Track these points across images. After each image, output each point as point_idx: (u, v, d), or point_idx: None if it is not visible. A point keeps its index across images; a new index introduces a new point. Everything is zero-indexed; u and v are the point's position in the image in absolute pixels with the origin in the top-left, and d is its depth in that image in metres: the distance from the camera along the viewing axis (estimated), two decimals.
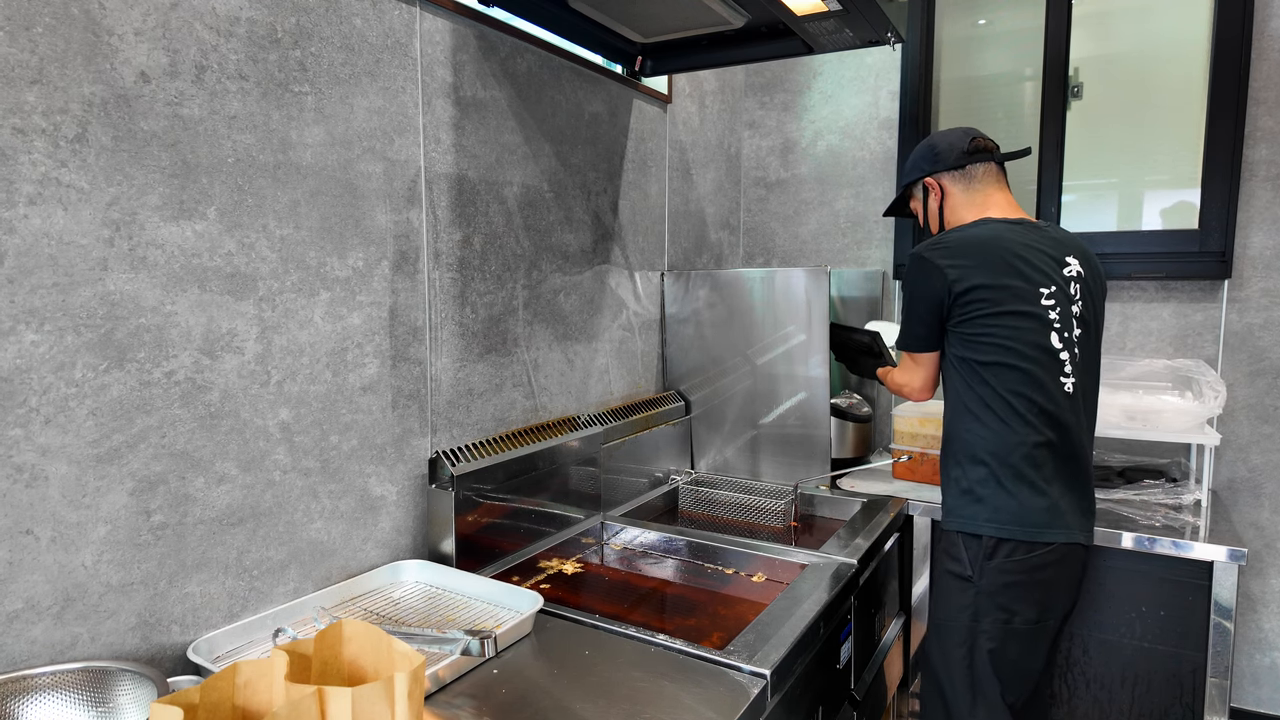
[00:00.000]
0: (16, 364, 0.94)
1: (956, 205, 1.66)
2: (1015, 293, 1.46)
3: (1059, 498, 1.47)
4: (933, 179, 1.67)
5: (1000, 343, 1.46)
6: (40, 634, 0.98)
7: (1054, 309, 1.48)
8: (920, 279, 1.53)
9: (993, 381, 1.47)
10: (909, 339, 1.60)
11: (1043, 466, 1.47)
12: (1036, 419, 1.46)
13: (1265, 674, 2.26)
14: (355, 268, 1.35)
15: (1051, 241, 1.54)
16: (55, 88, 0.96)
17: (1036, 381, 1.46)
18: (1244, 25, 2.16)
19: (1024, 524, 1.45)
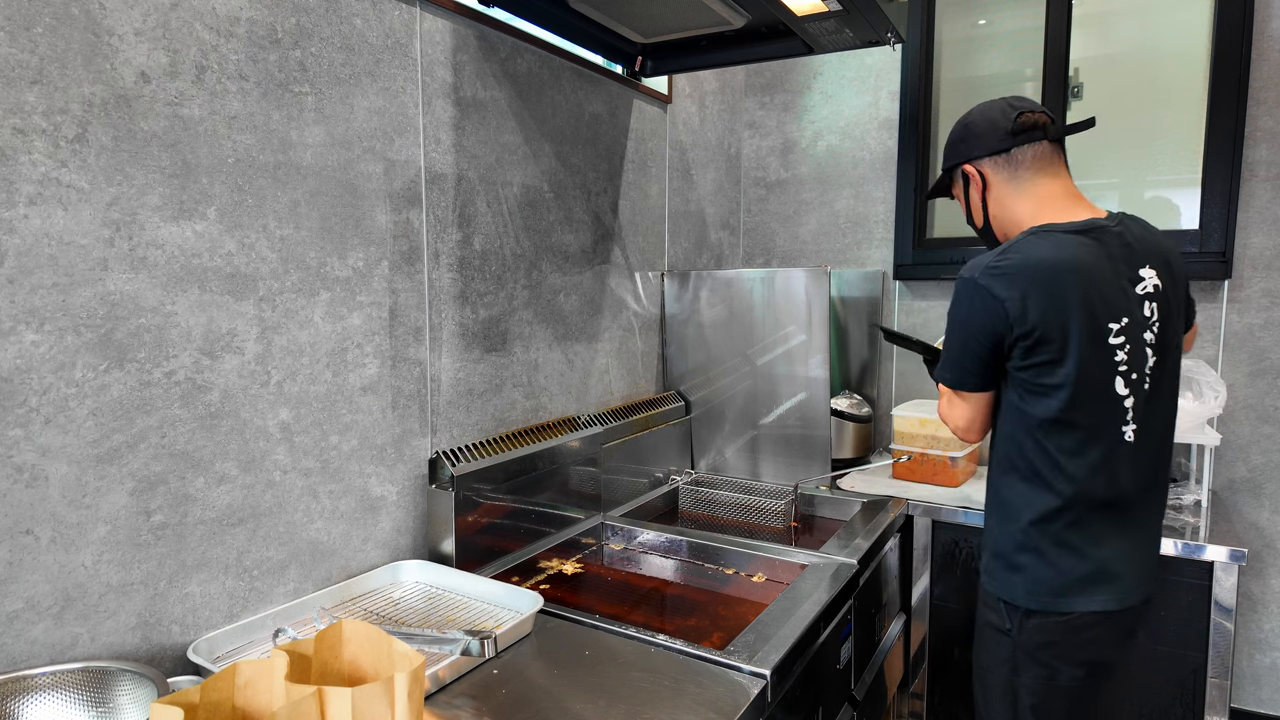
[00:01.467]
0: (16, 364, 0.94)
1: (1002, 198, 1.39)
2: (1084, 334, 1.24)
3: (1110, 559, 1.30)
4: (971, 166, 1.41)
5: (1061, 398, 1.26)
6: (40, 634, 0.98)
7: (1123, 348, 1.27)
8: (975, 309, 1.29)
9: (1047, 444, 1.29)
10: (957, 374, 1.35)
11: (1092, 528, 1.30)
12: (1091, 480, 1.28)
13: (1266, 674, 2.26)
14: (355, 268, 1.35)
15: (1125, 253, 1.30)
16: (55, 88, 0.96)
17: (1095, 438, 1.28)
18: (1244, 26, 2.16)
19: (1064, 594, 1.30)
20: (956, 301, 1.33)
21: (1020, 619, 1.34)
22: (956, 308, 1.33)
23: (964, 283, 1.31)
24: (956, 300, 1.33)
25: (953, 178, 1.49)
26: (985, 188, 1.41)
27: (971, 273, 1.30)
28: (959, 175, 1.45)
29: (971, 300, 1.30)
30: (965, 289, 1.31)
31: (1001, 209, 1.40)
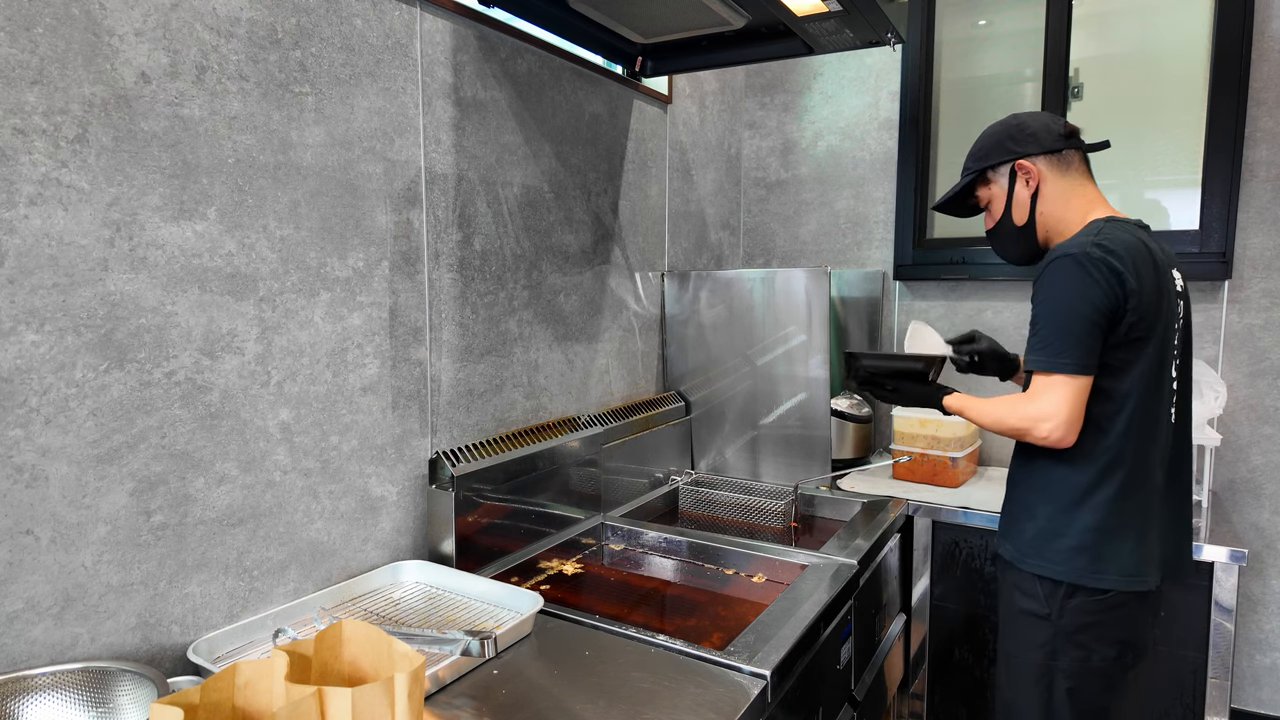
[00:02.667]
0: (17, 364, 0.94)
1: (1054, 195, 1.42)
2: (1161, 314, 1.31)
3: (1155, 541, 1.35)
4: (1029, 162, 1.43)
5: (1135, 375, 1.31)
6: (40, 634, 0.98)
7: (1175, 334, 1.37)
8: (1092, 281, 1.27)
9: (1105, 422, 1.32)
10: (1064, 355, 1.28)
11: (1135, 507, 1.33)
12: (1139, 460, 1.33)
13: (1266, 675, 2.26)
14: (355, 268, 1.35)
15: (1163, 255, 1.39)
16: (56, 88, 0.96)
17: (1154, 419, 1.33)
18: (1244, 26, 2.16)
19: (1116, 573, 1.32)
20: (1059, 280, 1.30)
21: (1061, 600, 1.35)
22: (1061, 286, 1.29)
23: (1071, 260, 1.29)
24: (1059, 279, 1.30)
25: (989, 177, 1.49)
26: (1039, 184, 1.44)
27: (1078, 250, 1.29)
28: (1001, 174, 1.47)
29: (1088, 274, 1.27)
30: (1075, 265, 1.28)
31: (1052, 206, 1.44)
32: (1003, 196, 1.48)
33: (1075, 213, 1.42)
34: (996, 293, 2.50)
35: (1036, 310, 1.33)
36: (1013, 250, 1.52)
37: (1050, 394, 1.30)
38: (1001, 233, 1.51)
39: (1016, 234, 1.48)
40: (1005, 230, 1.49)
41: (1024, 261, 1.52)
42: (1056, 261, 1.31)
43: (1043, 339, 1.31)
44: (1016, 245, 1.50)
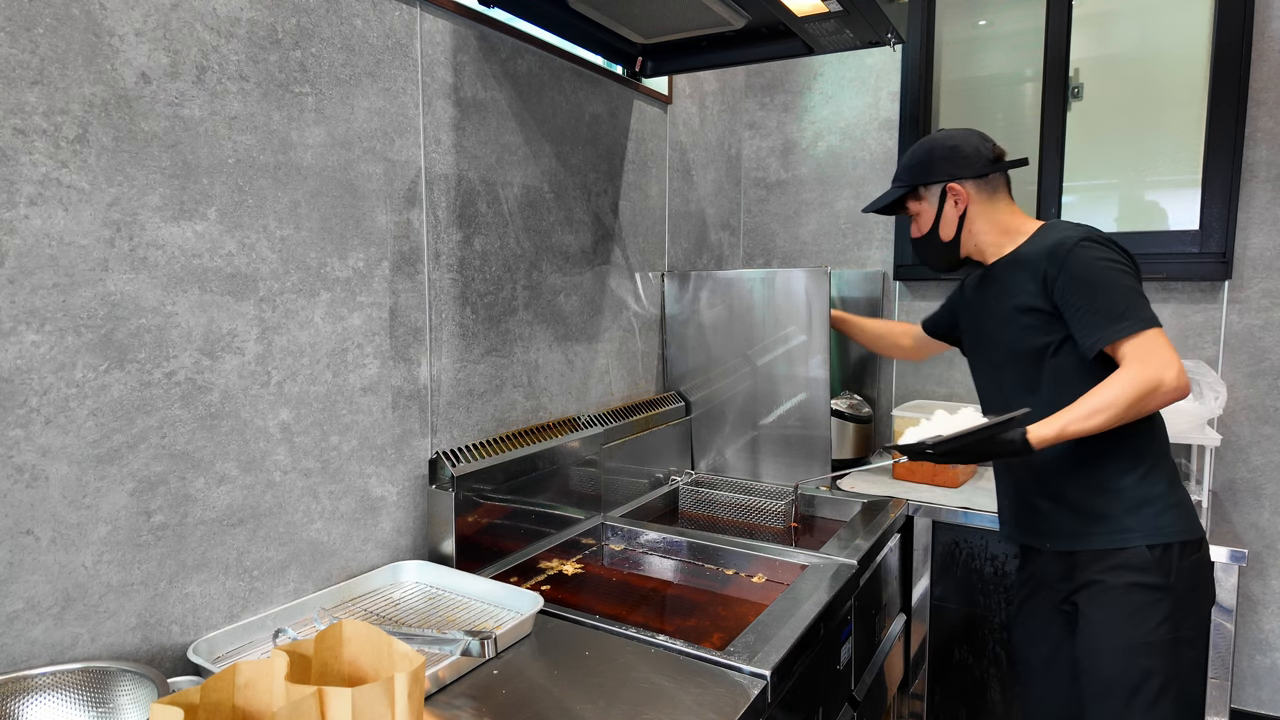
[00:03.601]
0: (17, 364, 0.94)
1: (980, 216, 1.55)
2: None
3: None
4: (959, 185, 1.54)
5: None
6: (40, 634, 0.98)
7: None
8: (1118, 252, 1.38)
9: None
10: (1145, 310, 1.33)
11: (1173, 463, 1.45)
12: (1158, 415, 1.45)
13: (1266, 675, 2.26)
14: (355, 268, 1.35)
15: None
16: (56, 88, 0.96)
17: None
18: (1244, 26, 2.16)
19: (1195, 522, 1.41)
20: (1097, 256, 1.36)
21: (1175, 562, 1.37)
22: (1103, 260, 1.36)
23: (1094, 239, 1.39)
24: (1096, 254, 1.37)
25: (920, 193, 1.59)
26: (966, 205, 1.56)
27: (1087, 232, 1.41)
28: (932, 192, 1.58)
29: (1114, 247, 1.39)
30: (1100, 243, 1.39)
31: (980, 226, 1.57)
32: (931, 212, 1.59)
33: (1004, 231, 1.56)
34: None
35: (1087, 289, 1.36)
36: (935, 260, 1.65)
37: (1156, 347, 1.30)
38: (927, 244, 1.62)
39: (941, 247, 1.61)
40: (930, 242, 1.62)
41: (945, 270, 1.67)
42: (1081, 245, 1.38)
43: (1117, 306, 1.33)
44: (939, 256, 1.63)
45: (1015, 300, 1.48)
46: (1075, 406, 1.34)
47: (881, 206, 1.64)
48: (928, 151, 1.57)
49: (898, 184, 1.61)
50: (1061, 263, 1.38)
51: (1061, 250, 1.39)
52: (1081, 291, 1.36)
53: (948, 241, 1.59)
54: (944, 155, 1.55)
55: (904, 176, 1.60)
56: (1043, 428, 1.34)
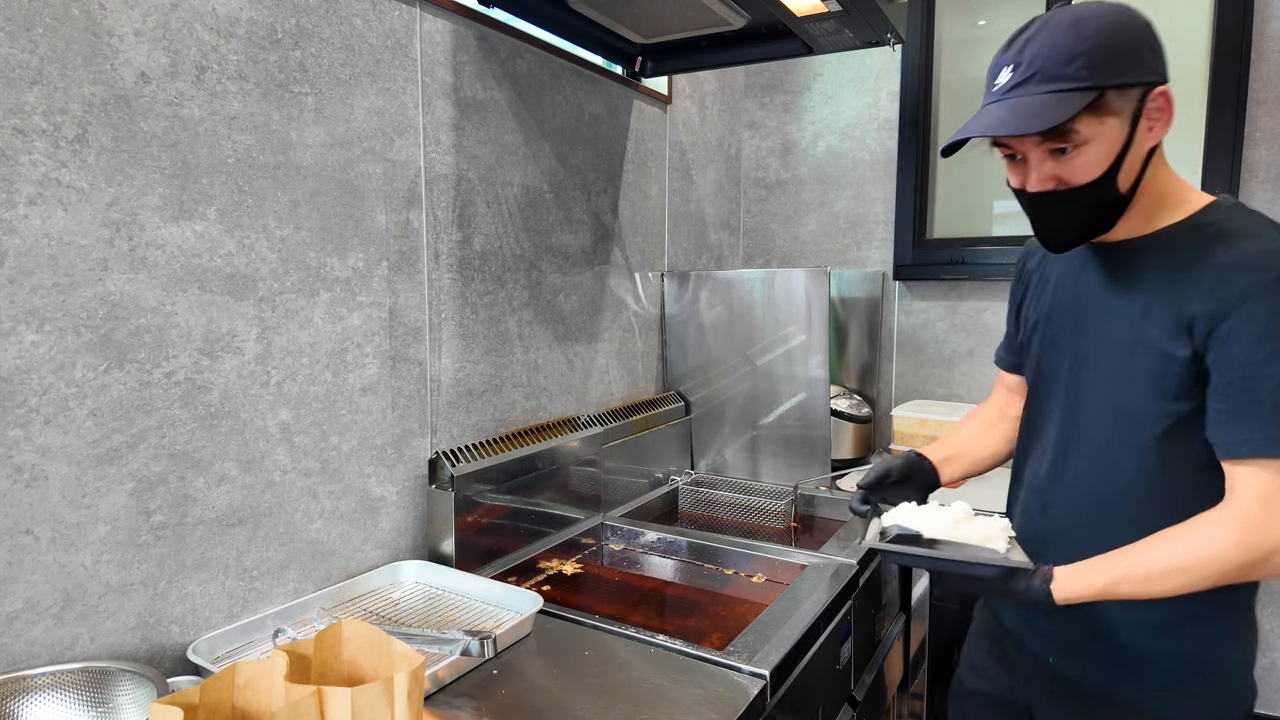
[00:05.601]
0: (16, 364, 0.94)
1: (1161, 156, 0.99)
2: None
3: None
4: (1170, 92, 0.93)
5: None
6: (40, 634, 0.98)
7: None
8: None
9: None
10: None
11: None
12: None
13: (1265, 675, 2.26)
14: (355, 268, 1.35)
15: None
16: (55, 88, 0.96)
17: None
18: (1244, 26, 2.16)
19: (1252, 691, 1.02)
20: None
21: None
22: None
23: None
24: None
25: (1107, 102, 0.89)
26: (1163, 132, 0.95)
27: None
28: (1131, 99, 0.90)
29: None
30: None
31: (1163, 172, 0.99)
32: (1116, 138, 0.91)
33: (1167, 192, 0.99)
34: (997, 293, 2.50)
35: (1272, 357, 0.86)
36: (1077, 223, 0.98)
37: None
38: (1083, 197, 0.94)
39: (1103, 203, 0.95)
40: (1093, 195, 0.93)
41: (1073, 243, 1.01)
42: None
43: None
44: (1088, 219, 0.96)
45: (1169, 314, 0.94)
46: (1137, 553, 0.92)
47: (1040, 130, 0.89)
48: (1120, 32, 0.90)
49: (1069, 83, 0.88)
50: (1255, 296, 0.86)
51: (1258, 280, 0.86)
52: (1262, 354, 0.86)
53: (1125, 193, 0.95)
54: (1148, 43, 0.92)
55: (1083, 72, 0.88)
56: (1077, 579, 0.94)
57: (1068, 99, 0.88)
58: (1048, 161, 0.93)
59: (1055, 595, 0.95)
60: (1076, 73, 0.88)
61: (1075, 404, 1.05)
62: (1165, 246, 0.97)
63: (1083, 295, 1.06)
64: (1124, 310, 0.99)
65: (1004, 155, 0.98)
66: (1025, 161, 0.96)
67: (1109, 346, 1.01)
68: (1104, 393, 1.01)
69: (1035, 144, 0.92)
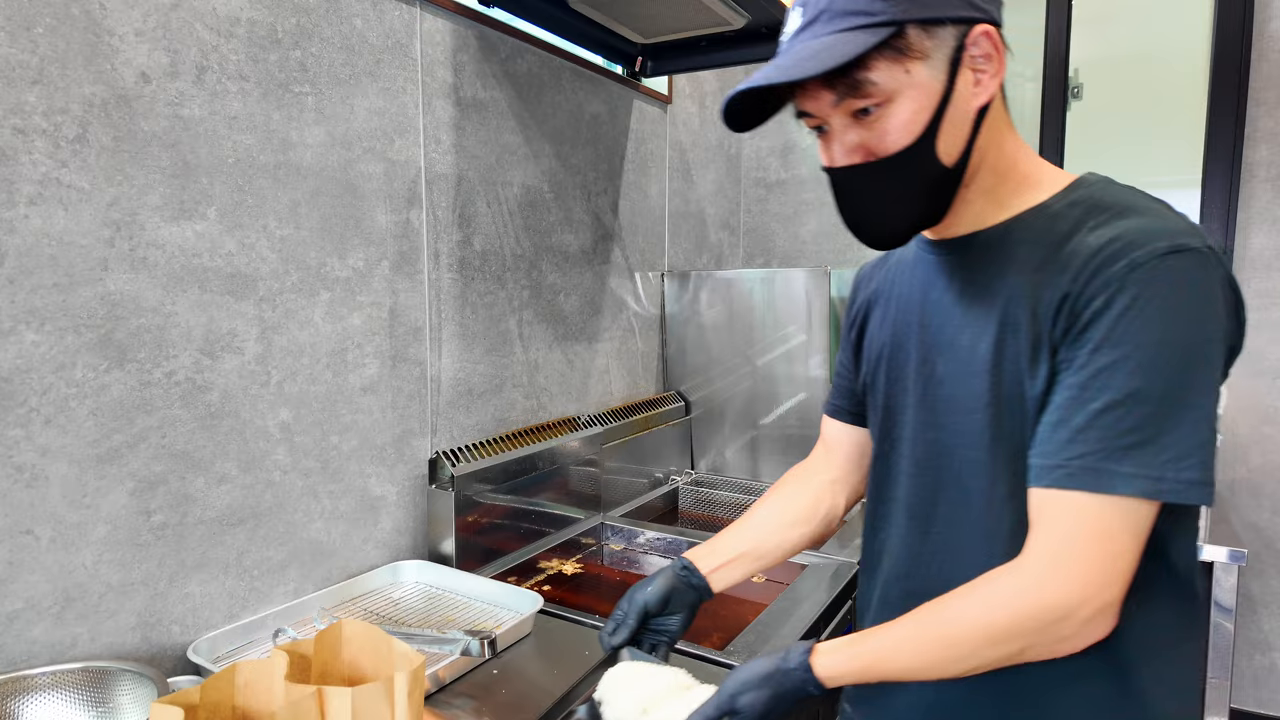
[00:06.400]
0: (17, 364, 0.94)
1: (1003, 122, 0.78)
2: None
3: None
4: (996, 33, 0.74)
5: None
6: (40, 634, 0.98)
7: None
8: (1218, 310, 0.69)
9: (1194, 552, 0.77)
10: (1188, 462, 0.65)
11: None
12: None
13: (1265, 675, 2.26)
14: (355, 268, 1.35)
15: None
16: (56, 88, 0.96)
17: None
18: (1244, 26, 2.16)
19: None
20: (1182, 299, 0.66)
21: None
22: (1184, 314, 0.66)
23: (1196, 259, 0.66)
24: (1182, 297, 0.66)
25: (908, 41, 0.69)
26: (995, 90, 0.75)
27: (1187, 241, 0.66)
28: (943, 39, 0.71)
29: (1216, 294, 0.68)
30: (1203, 272, 0.66)
31: (1000, 139, 0.78)
32: (929, 93, 0.71)
33: (1011, 171, 0.78)
34: None
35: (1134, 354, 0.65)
36: (895, 207, 0.76)
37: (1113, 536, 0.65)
38: (896, 171, 0.73)
39: (924, 180, 0.74)
40: (908, 167, 0.73)
41: (893, 235, 0.78)
42: (1169, 260, 0.65)
43: (1145, 424, 0.65)
44: (907, 201, 0.75)
45: (1014, 317, 0.73)
46: (891, 632, 0.73)
47: (816, 72, 0.68)
48: None
49: (860, 19, 0.69)
50: (1119, 284, 0.66)
51: (1145, 256, 0.65)
52: (1105, 359, 0.66)
53: (951, 166, 0.74)
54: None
55: (878, 5, 0.69)
56: (838, 656, 0.75)
57: (854, 36, 0.69)
58: (852, 128, 0.73)
59: (819, 671, 0.74)
60: (869, 5, 0.69)
61: (932, 453, 0.81)
62: (1023, 235, 0.75)
63: (930, 311, 0.82)
64: (980, 322, 0.76)
65: (810, 128, 0.76)
66: (830, 133, 0.75)
67: (965, 370, 0.77)
68: (967, 431, 0.77)
69: (832, 105, 0.72)
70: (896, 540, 0.87)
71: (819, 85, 0.72)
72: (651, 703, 0.84)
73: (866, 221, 0.78)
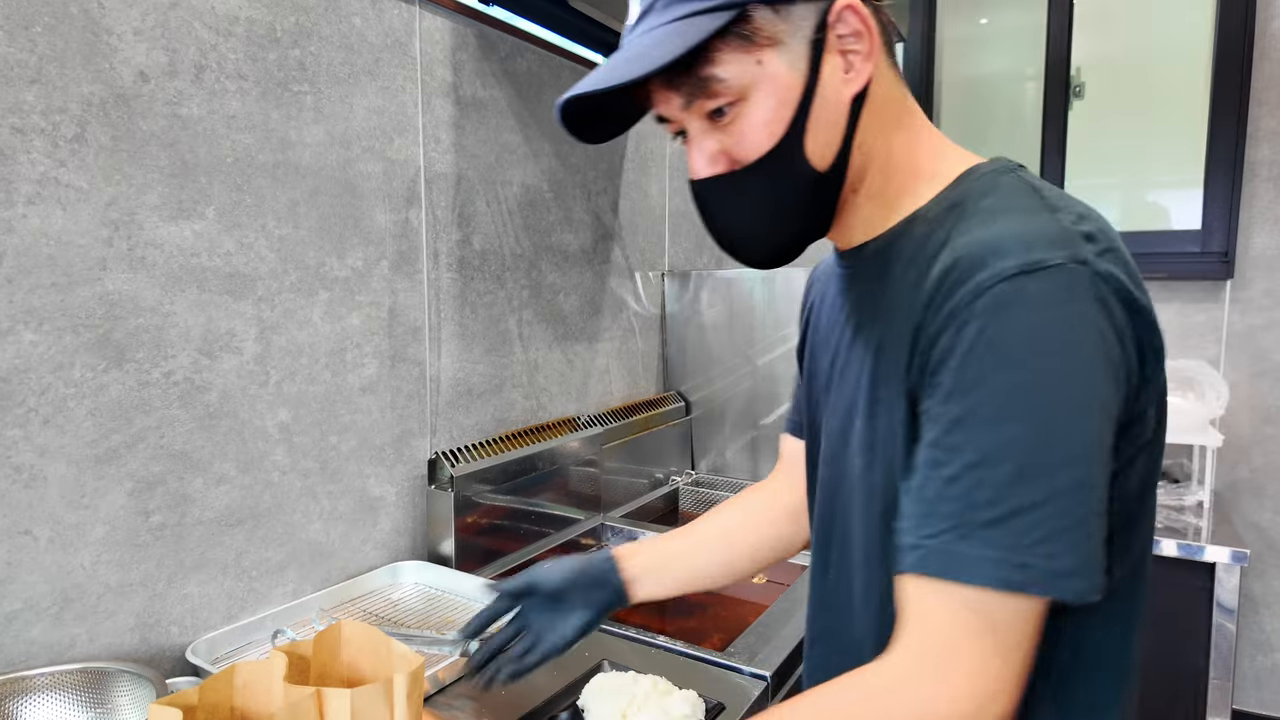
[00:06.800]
0: (15, 364, 0.94)
1: (889, 104, 0.65)
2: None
3: None
4: (862, 7, 0.61)
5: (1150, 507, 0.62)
6: (39, 634, 0.98)
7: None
8: (1102, 343, 0.53)
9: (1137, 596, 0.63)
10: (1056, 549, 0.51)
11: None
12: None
13: (1267, 676, 2.26)
14: (354, 267, 1.35)
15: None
16: (54, 87, 0.96)
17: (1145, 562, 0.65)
18: (1246, 25, 2.16)
19: None
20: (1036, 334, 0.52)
21: None
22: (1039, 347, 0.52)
23: (1062, 280, 0.52)
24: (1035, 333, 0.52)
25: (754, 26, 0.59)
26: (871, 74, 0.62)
27: (1045, 256, 0.53)
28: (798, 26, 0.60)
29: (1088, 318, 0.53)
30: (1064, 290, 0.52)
31: (889, 129, 0.65)
32: (789, 85, 0.61)
33: (924, 148, 0.67)
34: None
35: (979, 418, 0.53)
36: (767, 222, 0.65)
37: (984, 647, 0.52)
38: (761, 179, 0.63)
39: (797, 188, 0.63)
40: (774, 174, 0.63)
41: (772, 253, 0.68)
42: (1019, 282, 0.52)
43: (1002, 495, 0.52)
44: (780, 213, 0.65)
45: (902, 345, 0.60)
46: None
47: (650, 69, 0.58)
48: None
49: (692, 3, 0.59)
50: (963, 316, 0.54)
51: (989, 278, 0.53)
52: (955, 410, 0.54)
53: (826, 170, 0.63)
54: None
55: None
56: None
57: (689, 25, 0.58)
58: (710, 134, 0.63)
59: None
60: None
61: (829, 489, 0.73)
62: (903, 247, 0.63)
63: (833, 328, 0.74)
64: (863, 350, 0.67)
65: (672, 135, 0.66)
66: (690, 140, 0.65)
67: (850, 404, 0.68)
68: (850, 473, 0.68)
69: (682, 108, 0.62)
70: (812, 574, 0.79)
71: (662, 86, 0.61)
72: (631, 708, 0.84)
73: (738, 240, 0.67)
